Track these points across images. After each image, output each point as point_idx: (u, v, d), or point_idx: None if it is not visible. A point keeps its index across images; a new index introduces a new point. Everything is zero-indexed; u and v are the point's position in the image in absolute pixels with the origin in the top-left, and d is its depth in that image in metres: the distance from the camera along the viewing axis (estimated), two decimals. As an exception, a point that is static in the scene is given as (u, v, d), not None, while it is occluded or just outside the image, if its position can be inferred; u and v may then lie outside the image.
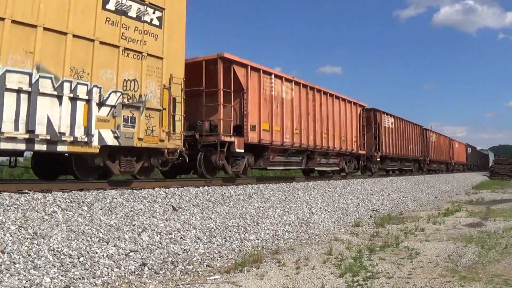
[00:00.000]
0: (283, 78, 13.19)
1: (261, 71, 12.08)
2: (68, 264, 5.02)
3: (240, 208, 9.04)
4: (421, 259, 6.63)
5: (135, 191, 7.89)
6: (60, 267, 4.91)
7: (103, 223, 6.25)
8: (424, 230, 9.38)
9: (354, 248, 7.43)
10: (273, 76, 12.66)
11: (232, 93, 11.08)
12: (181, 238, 6.78)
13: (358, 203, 13.45)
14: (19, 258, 4.79)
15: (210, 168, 10.77)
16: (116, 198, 7.23)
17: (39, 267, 4.76)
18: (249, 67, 11.60)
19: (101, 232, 5.98)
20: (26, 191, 6.58)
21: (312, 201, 11.73)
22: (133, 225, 6.56)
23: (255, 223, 8.55)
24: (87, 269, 5.07)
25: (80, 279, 4.84)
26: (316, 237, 8.78)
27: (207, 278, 5.51)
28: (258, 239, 7.86)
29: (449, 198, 19.77)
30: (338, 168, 17.47)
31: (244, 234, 7.83)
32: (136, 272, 5.42)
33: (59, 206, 6.24)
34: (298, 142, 13.79)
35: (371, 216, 12.28)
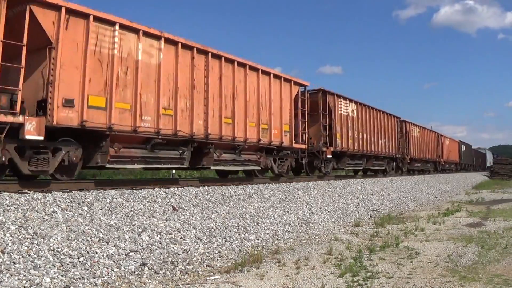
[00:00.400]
0: (141, 32, 8.82)
1: (91, 17, 7.88)
2: (68, 264, 5.02)
3: (240, 208, 9.05)
4: (421, 259, 6.63)
5: (135, 191, 7.89)
6: (60, 267, 4.91)
7: (103, 223, 6.25)
8: (424, 230, 9.38)
9: (354, 248, 7.43)
10: (117, 27, 8.37)
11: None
12: (181, 238, 6.79)
13: (358, 203, 13.45)
14: (19, 258, 4.79)
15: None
16: (116, 198, 7.23)
17: (39, 267, 4.76)
18: (63, 9, 7.46)
19: (101, 232, 5.98)
20: (26, 191, 6.58)
21: (312, 201, 11.73)
22: (133, 225, 6.56)
23: (255, 223, 8.56)
24: (87, 269, 5.07)
25: (80, 279, 4.84)
26: (316, 237, 8.78)
27: (207, 278, 5.51)
28: (258, 239, 7.86)
29: (449, 198, 19.78)
30: (257, 167, 12.45)
31: (244, 234, 7.83)
32: (136, 272, 5.42)
33: (59, 206, 6.25)
34: (171, 128, 9.32)
35: (371, 216, 12.28)
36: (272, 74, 12.65)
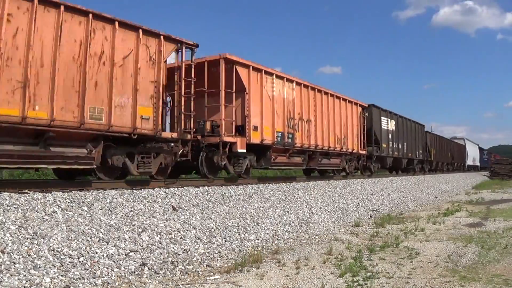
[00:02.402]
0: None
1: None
2: (68, 264, 5.02)
3: (240, 208, 9.05)
4: (421, 259, 6.63)
5: (135, 191, 7.89)
6: (60, 267, 4.91)
7: (103, 223, 6.25)
8: (424, 230, 9.38)
9: (354, 248, 7.43)
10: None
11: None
12: (181, 238, 6.79)
13: (358, 203, 13.45)
14: (19, 258, 4.79)
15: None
16: (116, 198, 7.23)
17: (39, 267, 4.76)
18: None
19: (101, 232, 5.98)
20: (26, 191, 6.58)
21: (312, 201, 11.73)
22: (133, 225, 6.56)
23: (255, 223, 8.55)
24: (87, 269, 5.07)
25: (80, 279, 4.84)
26: (316, 237, 8.78)
27: (207, 278, 5.51)
28: (258, 239, 7.86)
29: (449, 198, 19.78)
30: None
31: (244, 234, 7.83)
32: (136, 272, 5.42)
33: (59, 206, 6.24)
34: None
35: (371, 216, 12.28)
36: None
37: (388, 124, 22.02)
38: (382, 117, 21.32)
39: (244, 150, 11.24)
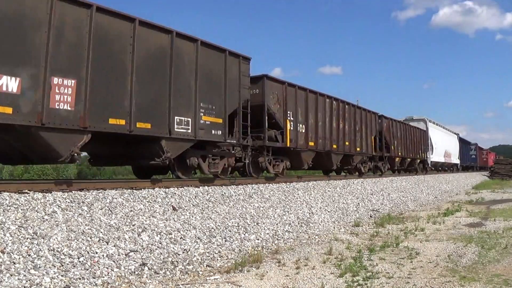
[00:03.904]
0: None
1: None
2: (68, 264, 5.02)
3: (240, 208, 9.05)
4: (421, 259, 6.63)
5: (135, 191, 7.89)
6: (60, 267, 4.91)
7: (103, 223, 6.25)
8: (424, 230, 9.38)
9: (354, 248, 7.43)
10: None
11: None
12: (181, 238, 6.79)
13: (358, 203, 13.45)
14: (19, 258, 4.78)
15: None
16: (116, 198, 7.22)
17: (39, 267, 4.76)
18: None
19: (101, 232, 5.98)
20: (26, 191, 6.57)
21: (312, 201, 11.73)
22: (133, 225, 6.56)
23: (255, 223, 8.55)
24: (87, 269, 5.07)
25: (80, 279, 4.84)
26: (316, 237, 8.78)
27: (207, 278, 5.52)
28: (258, 239, 7.86)
29: (449, 198, 19.78)
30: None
31: (244, 234, 7.83)
32: (136, 272, 5.42)
33: (59, 206, 6.24)
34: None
35: (371, 216, 12.28)
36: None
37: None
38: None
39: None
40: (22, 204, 5.95)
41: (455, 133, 42.71)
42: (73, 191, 7.01)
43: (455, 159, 40.38)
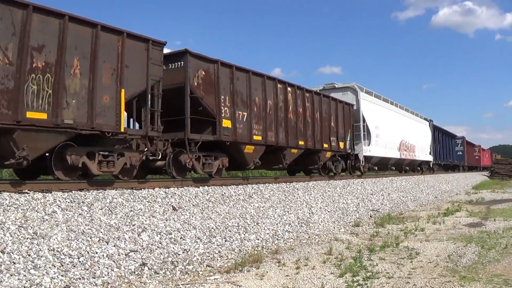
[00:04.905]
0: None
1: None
2: (68, 264, 5.02)
3: (240, 208, 9.05)
4: (421, 259, 6.63)
5: (135, 191, 7.89)
6: (60, 267, 4.91)
7: (103, 223, 6.25)
8: (424, 230, 9.38)
9: (354, 248, 7.43)
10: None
11: None
12: (181, 238, 6.79)
13: (358, 203, 13.45)
14: (19, 258, 4.79)
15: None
16: (116, 198, 7.22)
17: (39, 267, 4.76)
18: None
19: (101, 232, 5.98)
20: (26, 191, 6.57)
21: (312, 201, 11.73)
22: (133, 225, 6.56)
23: (255, 223, 8.55)
24: (87, 269, 5.07)
25: (80, 279, 4.84)
26: (316, 237, 8.78)
27: (207, 278, 5.52)
28: (258, 239, 7.86)
29: (449, 198, 19.77)
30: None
31: (244, 234, 7.83)
32: (136, 272, 5.42)
33: (59, 206, 6.24)
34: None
35: (371, 216, 12.28)
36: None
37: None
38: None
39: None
40: (22, 204, 5.95)
41: (427, 119, 31.13)
42: (73, 191, 7.01)
43: (424, 155, 28.70)
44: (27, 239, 5.17)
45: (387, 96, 23.28)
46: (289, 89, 13.24)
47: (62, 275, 4.76)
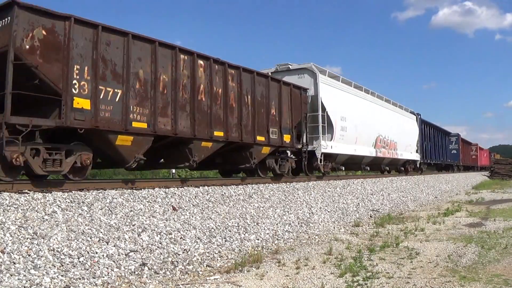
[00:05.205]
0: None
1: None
2: (68, 264, 5.02)
3: (240, 208, 9.05)
4: (421, 259, 6.63)
5: (135, 191, 7.88)
6: (60, 267, 4.91)
7: (103, 223, 6.25)
8: (424, 230, 9.38)
9: (354, 248, 7.43)
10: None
11: None
12: (181, 238, 6.79)
13: (358, 203, 13.45)
14: (19, 258, 4.79)
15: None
16: (116, 198, 7.22)
17: (39, 267, 4.76)
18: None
19: (101, 232, 5.98)
20: (26, 191, 6.57)
21: (312, 201, 11.73)
22: (133, 225, 6.56)
23: (255, 223, 8.56)
24: (87, 269, 5.07)
25: (80, 279, 4.84)
26: (316, 237, 8.78)
27: (207, 278, 5.51)
28: (258, 239, 7.86)
29: (449, 198, 19.77)
30: None
31: (244, 234, 7.83)
32: (136, 272, 5.42)
33: (59, 206, 6.24)
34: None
35: (371, 216, 12.28)
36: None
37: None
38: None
39: None
40: (22, 204, 5.95)
41: (414, 113, 27.38)
42: (73, 191, 7.01)
43: (409, 153, 25.35)
44: (27, 239, 5.17)
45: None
46: (200, 62, 9.80)
47: (62, 275, 4.76)
